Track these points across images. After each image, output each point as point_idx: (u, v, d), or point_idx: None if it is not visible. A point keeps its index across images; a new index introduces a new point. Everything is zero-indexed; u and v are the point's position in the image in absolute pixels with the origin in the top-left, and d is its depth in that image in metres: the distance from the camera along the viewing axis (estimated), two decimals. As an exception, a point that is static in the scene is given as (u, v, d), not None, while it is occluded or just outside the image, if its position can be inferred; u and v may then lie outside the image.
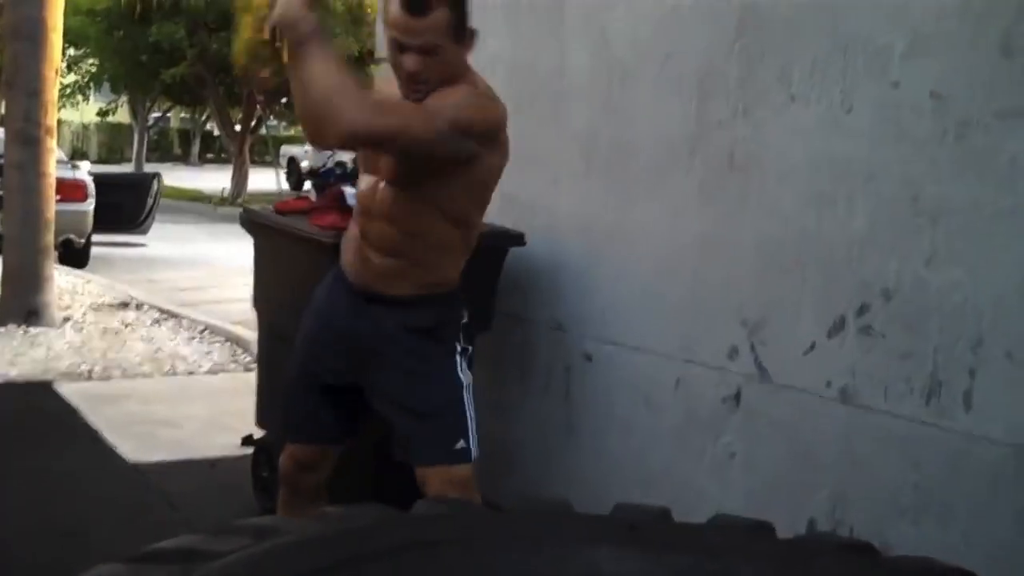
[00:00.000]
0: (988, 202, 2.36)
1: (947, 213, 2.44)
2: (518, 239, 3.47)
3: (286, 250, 3.52)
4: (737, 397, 2.95)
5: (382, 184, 2.57)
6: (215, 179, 24.65)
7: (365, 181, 2.65)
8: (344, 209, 3.19)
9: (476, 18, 3.96)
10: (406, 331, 2.60)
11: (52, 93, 7.21)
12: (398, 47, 2.43)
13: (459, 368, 2.65)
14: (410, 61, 2.42)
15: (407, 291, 2.60)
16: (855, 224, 2.63)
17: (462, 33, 2.48)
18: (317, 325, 2.74)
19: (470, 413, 2.64)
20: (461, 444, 2.61)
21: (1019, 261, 2.32)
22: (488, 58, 3.74)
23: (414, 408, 2.62)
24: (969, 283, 2.40)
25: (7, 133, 7.37)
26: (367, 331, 2.63)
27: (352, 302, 2.66)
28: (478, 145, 2.49)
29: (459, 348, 2.66)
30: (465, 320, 2.70)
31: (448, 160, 2.47)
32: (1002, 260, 2.35)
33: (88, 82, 26.09)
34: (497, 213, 2.80)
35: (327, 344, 2.71)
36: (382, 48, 2.69)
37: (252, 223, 3.82)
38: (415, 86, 2.47)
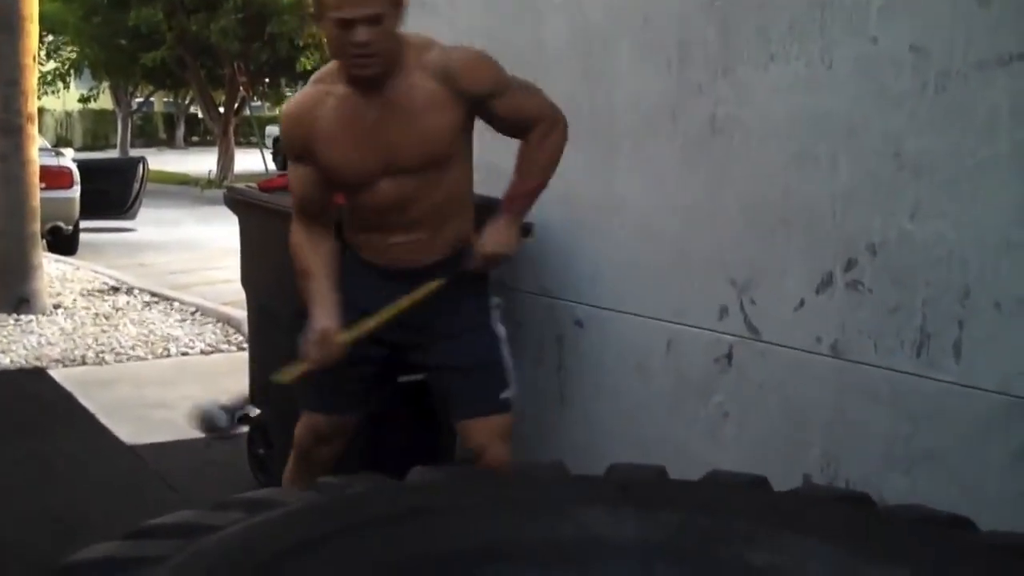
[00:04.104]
0: (970, 153, 2.37)
1: (929, 166, 2.45)
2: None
3: (270, 226, 3.51)
4: (729, 357, 2.96)
5: (402, 176, 2.58)
6: (201, 162, 24.54)
7: (375, 192, 2.61)
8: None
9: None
10: (444, 292, 2.66)
11: (31, 81, 7.19)
12: (343, 25, 2.43)
13: (494, 321, 2.75)
14: (360, 34, 2.43)
15: (440, 255, 2.67)
16: (838, 180, 2.64)
17: None
18: (350, 311, 2.69)
19: (509, 364, 2.74)
20: (506, 394, 2.71)
21: (1002, 211, 2.33)
22: (464, 33, 3.73)
23: (460, 365, 2.71)
24: (954, 235, 2.41)
25: (-12, 123, 7.34)
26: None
27: (384, 282, 2.68)
28: None
29: (493, 302, 2.77)
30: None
31: None
32: (986, 211, 2.36)
33: (68, 69, 25.90)
34: (481, 183, 2.80)
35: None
36: None
37: (236, 201, 3.81)
38: (366, 59, 2.48)
